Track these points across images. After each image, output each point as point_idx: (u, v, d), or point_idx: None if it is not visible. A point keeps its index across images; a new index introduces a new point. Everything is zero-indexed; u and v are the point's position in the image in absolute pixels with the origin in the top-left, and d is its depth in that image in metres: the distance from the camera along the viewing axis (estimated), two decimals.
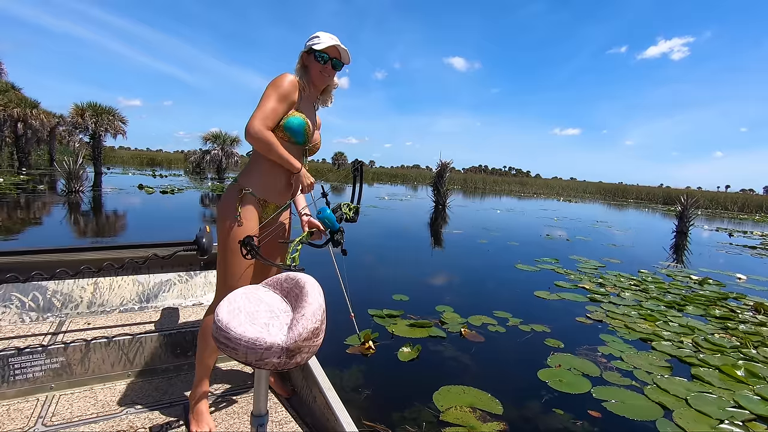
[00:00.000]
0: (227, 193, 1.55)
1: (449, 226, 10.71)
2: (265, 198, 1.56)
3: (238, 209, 1.49)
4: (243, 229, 1.49)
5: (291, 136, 1.52)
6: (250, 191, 1.53)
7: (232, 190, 1.54)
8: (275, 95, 1.47)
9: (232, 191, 1.54)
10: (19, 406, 1.59)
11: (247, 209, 1.51)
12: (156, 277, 2.18)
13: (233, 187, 1.54)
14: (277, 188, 1.59)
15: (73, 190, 11.48)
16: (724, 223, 18.62)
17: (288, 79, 1.50)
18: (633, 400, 2.61)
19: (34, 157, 24.59)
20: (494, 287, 5.24)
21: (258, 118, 1.44)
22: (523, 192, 34.67)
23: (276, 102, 1.47)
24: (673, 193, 32.62)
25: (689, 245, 10.08)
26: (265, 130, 1.45)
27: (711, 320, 4.27)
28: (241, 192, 1.51)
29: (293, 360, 0.97)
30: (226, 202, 1.52)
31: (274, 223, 1.62)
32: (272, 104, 1.46)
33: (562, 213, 16.81)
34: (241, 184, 1.53)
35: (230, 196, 1.53)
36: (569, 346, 3.35)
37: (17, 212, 8.32)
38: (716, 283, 6.01)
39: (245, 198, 1.51)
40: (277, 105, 1.47)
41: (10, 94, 21.35)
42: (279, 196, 1.61)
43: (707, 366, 3.14)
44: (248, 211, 1.51)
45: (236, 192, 1.52)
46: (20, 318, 1.87)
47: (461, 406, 2.38)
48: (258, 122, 1.44)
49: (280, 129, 1.50)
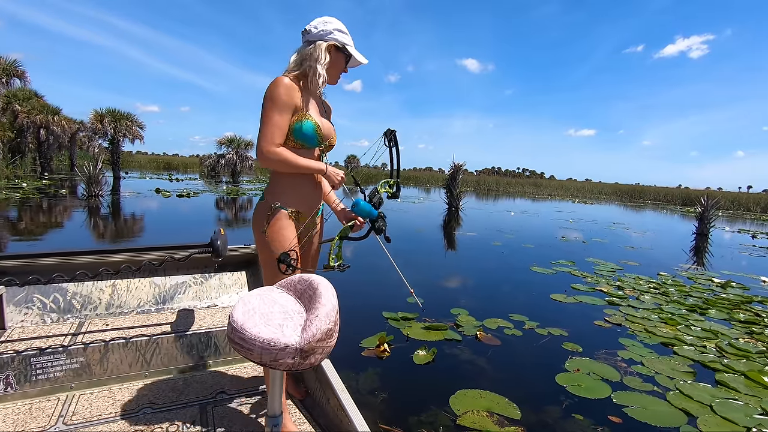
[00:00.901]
0: (257, 210, 1.53)
1: (463, 228, 10.65)
2: (296, 209, 1.52)
3: (265, 225, 1.47)
4: (278, 243, 1.45)
5: (304, 142, 1.47)
6: (279, 205, 1.49)
7: (262, 207, 1.51)
8: (274, 109, 1.40)
9: (261, 208, 1.51)
10: (41, 405, 1.63)
11: (281, 223, 1.47)
12: (172, 279, 2.22)
13: (262, 205, 1.52)
14: (305, 196, 1.55)
15: (93, 194, 11.76)
16: (747, 224, 18.10)
17: (282, 85, 1.41)
18: (655, 406, 2.54)
19: (56, 163, 25.27)
20: (509, 290, 5.18)
21: (264, 140, 1.40)
22: (538, 194, 34.30)
23: (277, 115, 1.40)
24: (692, 193, 31.89)
25: (710, 247, 9.82)
26: (276, 148, 1.41)
27: (735, 324, 4.15)
28: (270, 208, 1.48)
29: (307, 361, 0.98)
30: (256, 219, 1.52)
31: (311, 230, 1.61)
32: (274, 120, 1.40)
33: (578, 215, 16.56)
34: (269, 200, 1.50)
35: (259, 213, 1.51)
36: (588, 350, 3.29)
37: (40, 216, 8.55)
38: (740, 286, 5.84)
39: (276, 213, 1.48)
40: (279, 118, 1.41)
41: (33, 102, 22.01)
42: (310, 203, 1.57)
43: (732, 372, 3.05)
44: (282, 225, 1.47)
45: (265, 209, 1.49)
46: (42, 319, 1.92)
47: (478, 410, 2.35)
48: (266, 144, 1.40)
49: (290, 138, 1.45)
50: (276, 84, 1.41)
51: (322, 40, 1.47)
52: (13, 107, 20.96)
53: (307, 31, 1.48)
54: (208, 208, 11.77)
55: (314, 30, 1.47)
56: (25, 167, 20.65)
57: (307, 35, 1.48)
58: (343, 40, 1.49)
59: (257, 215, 1.51)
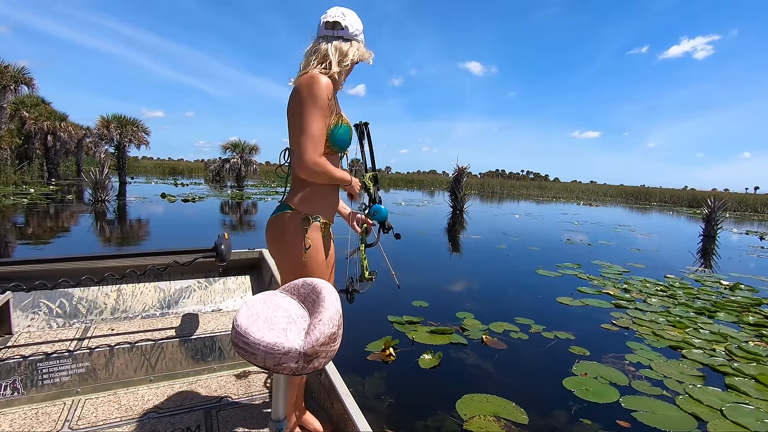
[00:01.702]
0: (288, 223, 1.35)
1: (467, 232, 10.62)
2: (327, 221, 1.44)
3: (307, 240, 1.33)
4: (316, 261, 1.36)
5: (339, 148, 1.36)
6: (315, 218, 1.37)
7: (294, 220, 1.35)
8: (318, 113, 1.25)
9: (294, 221, 1.35)
10: (47, 409, 1.63)
11: (316, 237, 1.37)
12: (176, 284, 2.23)
13: (295, 216, 1.35)
14: (333, 205, 1.48)
15: (99, 200, 11.86)
16: (755, 225, 17.93)
17: (324, 84, 1.26)
18: (664, 410, 2.51)
19: (63, 168, 25.53)
20: (515, 293, 5.16)
21: (311, 149, 1.24)
22: (542, 196, 34.18)
23: (321, 121, 1.26)
24: (698, 195, 31.63)
25: (718, 249, 9.73)
26: (320, 159, 1.28)
27: (744, 327, 4.10)
28: (308, 221, 1.35)
29: (311, 365, 0.98)
30: (288, 234, 1.34)
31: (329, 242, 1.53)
32: (319, 125, 1.26)
33: (583, 217, 16.48)
34: (305, 212, 1.36)
35: (292, 227, 1.35)
36: (595, 353, 3.26)
37: (47, 221, 8.62)
38: (748, 289, 5.77)
39: (313, 227, 1.36)
40: (323, 124, 1.27)
41: (40, 108, 22.28)
42: (333, 213, 1.50)
43: (742, 375, 3.01)
44: (317, 239, 1.37)
45: (300, 221, 1.35)
46: (48, 324, 1.94)
47: (485, 415, 2.33)
48: (314, 155, 1.25)
49: (326, 144, 1.32)
50: (318, 83, 1.25)
51: (356, 41, 1.37)
52: (21, 114, 21.23)
53: (340, 26, 1.34)
54: (212, 212, 11.82)
55: (351, 28, 1.35)
56: (33, 173, 20.87)
57: (341, 31, 1.34)
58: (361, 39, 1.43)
59: (289, 229, 1.35)
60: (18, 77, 17.65)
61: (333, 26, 1.33)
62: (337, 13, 1.33)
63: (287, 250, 1.35)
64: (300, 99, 1.26)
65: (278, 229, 1.36)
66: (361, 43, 1.39)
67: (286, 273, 1.38)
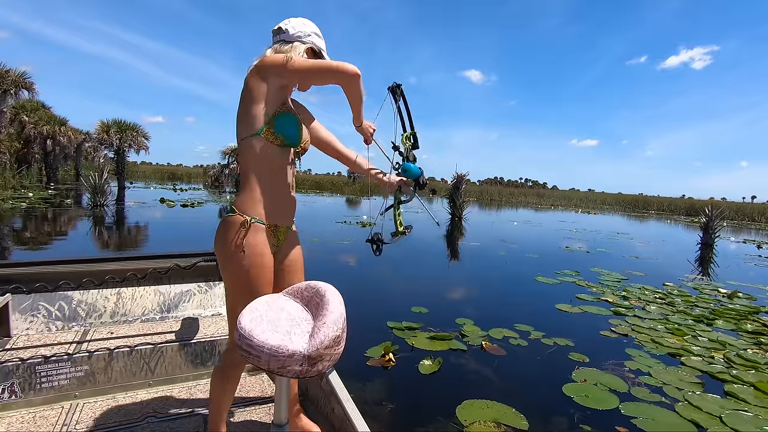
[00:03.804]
0: (226, 227, 1.27)
1: (466, 238, 10.64)
2: (275, 223, 1.33)
3: (243, 245, 1.24)
4: (258, 269, 1.27)
5: (285, 137, 1.30)
6: (256, 220, 1.28)
7: (233, 223, 1.26)
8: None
9: (232, 225, 1.26)
10: (45, 413, 1.62)
11: (258, 242, 1.27)
12: (177, 288, 2.22)
13: (233, 220, 1.27)
14: (286, 205, 1.37)
15: (98, 204, 11.85)
16: (752, 234, 18.00)
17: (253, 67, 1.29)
18: (664, 417, 2.51)
19: (62, 173, 25.50)
20: (514, 300, 5.16)
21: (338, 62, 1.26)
22: (540, 204, 34.24)
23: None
24: (696, 204, 31.77)
25: (715, 257, 9.76)
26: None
27: (743, 335, 4.11)
28: (247, 224, 1.25)
29: (315, 368, 0.98)
30: (227, 240, 1.26)
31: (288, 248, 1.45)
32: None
33: (581, 225, 16.52)
34: (243, 213, 1.27)
35: (229, 230, 1.26)
36: (594, 360, 3.26)
37: (45, 225, 8.61)
38: (746, 297, 5.79)
39: (253, 229, 1.26)
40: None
41: (40, 113, 22.30)
42: (288, 214, 1.39)
43: (741, 383, 3.01)
44: (259, 244, 1.27)
45: (238, 225, 1.26)
46: (47, 327, 1.92)
47: (485, 421, 2.33)
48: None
49: (271, 132, 1.27)
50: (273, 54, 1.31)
51: (299, 42, 1.35)
52: (21, 118, 21.24)
53: (282, 30, 1.35)
54: (211, 217, 11.81)
55: (292, 30, 1.35)
56: (32, 177, 20.85)
57: (283, 34, 1.35)
58: (320, 45, 1.40)
59: (226, 233, 1.26)
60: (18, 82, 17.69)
61: (277, 32, 1.37)
62: (283, 21, 1.38)
63: (224, 254, 1.27)
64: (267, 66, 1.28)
65: (219, 233, 1.30)
66: (309, 44, 1.37)
67: (229, 279, 1.29)
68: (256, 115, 1.26)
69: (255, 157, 1.28)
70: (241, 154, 1.32)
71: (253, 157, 1.29)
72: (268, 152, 1.29)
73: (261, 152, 1.28)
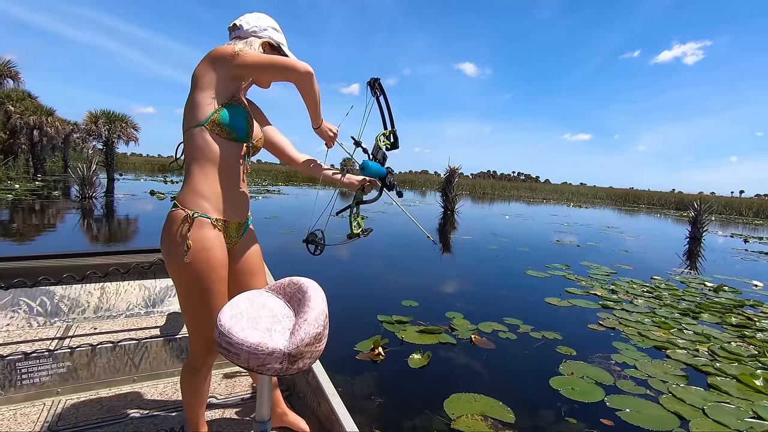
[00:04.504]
0: (168, 223, 1.20)
1: (458, 232, 10.67)
2: (223, 218, 1.25)
3: (188, 241, 1.17)
4: (206, 265, 1.19)
5: (231, 129, 1.24)
6: (200, 214, 1.20)
7: (175, 218, 1.19)
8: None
9: (174, 220, 1.19)
10: (26, 410, 1.60)
11: (204, 236, 1.19)
12: (162, 282, 2.19)
13: (174, 215, 1.19)
14: (234, 200, 1.29)
15: (86, 196, 11.68)
16: (739, 228, 18.27)
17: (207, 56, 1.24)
18: (648, 409, 2.55)
19: (49, 164, 25.08)
20: (504, 293, 5.20)
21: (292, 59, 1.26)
22: (533, 197, 34.43)
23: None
24: (685, 198, 32.14)
25: (703, 251, 9.91)
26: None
27: (727, 328, 4.18)
28: (189, 219, 1.18)
29: (295, 365, 0.97)
30: (171, 237, 1.18)
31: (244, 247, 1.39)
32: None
33: (572, 218, 16.64)
34: (186, 208, 1.19)
35: (173, 227, 1.18)
36: (581, 353, 3.30)
37: (33, 218, 8.48)
38: (732, 290, 5.89)
39: (197, 224, 1.19)
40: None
41: (26, 102, 21.84)
42: (239, 210, 1.32)
43: (724, 375, 3.07)
44: (206, 238, 1.20)
45: (180, 220, 1.18)
46: (28, 323, 1.89)
47: (472, 414, 2.35)
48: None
49: (214, 123, 1.21)
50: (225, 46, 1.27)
51: (255, 37, 1.33)
52: (6, 108, 20.80)
53: (237, 26, 1.34)
54: None
55: (246, 26, 1.34)
56: (18, 169, 20.48)
57: (238, 31, 1.34)
58: (278, 39, 1.37)
59: (168, 229, 1.19)
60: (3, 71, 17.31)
61: (232, 29, 1.36)
62: (238, 18, 1.37)
63: (167, 251, 1.21)
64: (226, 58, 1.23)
65: (163, 231, 1.23)
66: (265, 39, 1.35)
67: (175, 278, 1.22)
68: (202, 104, 1.21)
69: (198, 149, 1.22)
70: (186, 144, 1.25)
71: (197, 149, 1.22)
72: (213, 145, 1.23)
73: (205, 144, 1.22)
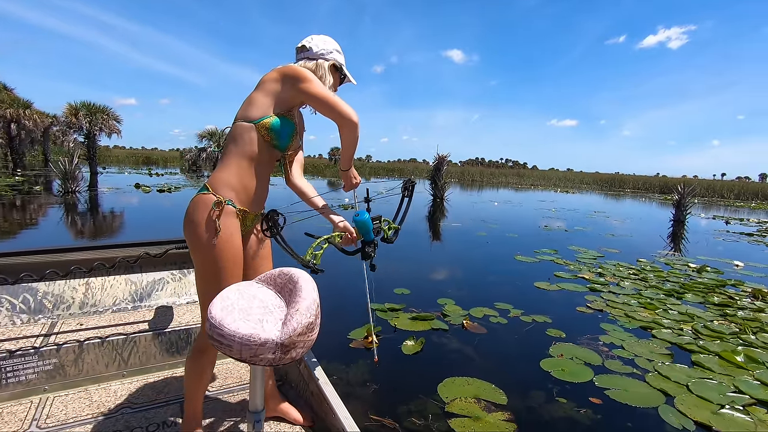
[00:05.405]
0: (199, 205, 1.28)
1: (448, 219, 10.73)
2: (245, 208, 1.35)
3: (218, 225, 1.25)
4: (230, 250, 1.28)
5: (276, 135, 1.33)
6: (230, 202, 1.30)
7: (206, 201, 1.27)
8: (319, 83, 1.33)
9: (205, 203, 1.27)
10: (12, 409, 1.59)
11: (229, 223, 1.29)
12: (149, 276, 2.16)
13: (206, 198, 1.28)
14: (257, 195, 1.39)
15: (69, 191, 11.43)
16: (721, 210, 18.71)
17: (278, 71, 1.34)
18: (635, 387, 2.63)
19: (29, 158, 24.45)
20: (494, 279, 5.26)
21: (347, 105, 1.30)
22: (521, 184, 34.69)
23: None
24: (669, 182, 32.73)
25: (686, 234, 10.13)
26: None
27: (710, 307, 4.30)
28: (220, 205, 1.26)
29: (288, 355, 0.98)
30: (200, 218, 1.26)
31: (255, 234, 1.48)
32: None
33: (560, 204, 16.84)
34: (218, 194, 1.29)
35: (204, 209, 1.27)
36: (570, 335, 3.38)
37: (13, 214, 8.27)
38: (714, 271, 6.05)
39: (225, 211, 1.28)
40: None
41: (2, 95, 21.16)
42: (259, 205, 1.42)
43: (707, 352, 3.17)
44: (230, 225, 1.29)
45: (211, 204, 1.27)
46: (11, 321, 1.86)
47: (466, 397, 2.40)
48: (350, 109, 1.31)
49: (264, 126, 1.30)
50: (302, 68, 1.34)
51: (323, 59, 1.44)
52: None
53: (306, 48, 1.44)
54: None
55: (315, 48, 1.43)
56: None
57: (307, 52, 1.44)
58: (341, 61, 1.48)
59: (197, 212, 1.27)
60: None
61: (300, 50, 1.46)
62: (306, 39, 1.46)
63: (195, 234, 1.27)
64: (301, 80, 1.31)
65: (189, 212, 1.30)
66: (332, 61, 1.45)
67: (199, 261, 1.29)
68: (260, 106, 1.31)
69: (241, 143, 1.31)
70: (231, 134, 1.34)
71: (240, 143, 1.31)
72: (255, 145, 1.32)
73: (249, 141, 1.31)
